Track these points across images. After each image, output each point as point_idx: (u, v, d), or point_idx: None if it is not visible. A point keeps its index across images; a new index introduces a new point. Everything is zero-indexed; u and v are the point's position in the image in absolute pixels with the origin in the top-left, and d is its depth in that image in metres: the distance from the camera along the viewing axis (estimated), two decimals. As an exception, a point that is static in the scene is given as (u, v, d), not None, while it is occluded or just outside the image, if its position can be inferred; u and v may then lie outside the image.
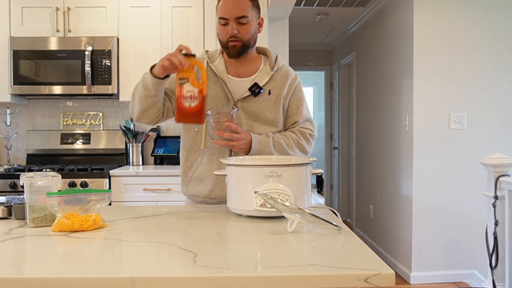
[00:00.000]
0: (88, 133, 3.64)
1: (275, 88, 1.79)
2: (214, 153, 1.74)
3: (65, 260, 1.02)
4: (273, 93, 1.78)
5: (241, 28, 1.69)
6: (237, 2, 1.68)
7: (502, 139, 3.68)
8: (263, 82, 1.77)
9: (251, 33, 1.72)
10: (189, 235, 1.25)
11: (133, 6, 3.42)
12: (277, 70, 1.81)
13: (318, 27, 5.56)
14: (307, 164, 1.44)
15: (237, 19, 1.67)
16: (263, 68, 1.80)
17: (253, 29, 1.73)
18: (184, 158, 1.81)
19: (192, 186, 1.79)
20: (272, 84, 1.79)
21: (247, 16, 1.69)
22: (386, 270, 0.90)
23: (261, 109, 1.76)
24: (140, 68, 3.41)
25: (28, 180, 1.32)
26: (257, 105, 1.76)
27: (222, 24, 1.70)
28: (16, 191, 3.01)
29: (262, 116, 1.76)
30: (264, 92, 1.77)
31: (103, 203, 1.31)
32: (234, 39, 1.69)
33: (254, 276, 0.90)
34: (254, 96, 1.76)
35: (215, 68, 1.78)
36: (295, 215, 1.21)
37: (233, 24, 1.67)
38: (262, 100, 1.77)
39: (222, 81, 1.76)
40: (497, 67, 3.67)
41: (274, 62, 1.81)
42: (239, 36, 1.69)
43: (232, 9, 1.67)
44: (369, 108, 4.95)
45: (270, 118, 1.77)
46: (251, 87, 1.75)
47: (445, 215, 3.68)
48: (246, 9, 1.69)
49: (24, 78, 3.33)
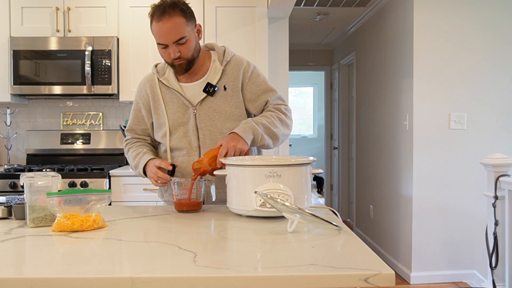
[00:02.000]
0: (88, 133, 3.64)
1: (229, 82, 1.77)
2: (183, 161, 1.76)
3: (65, 260, 1.02)
4: (228, 88, 1.77)
5: (182, 48, 1.67)
6: (171, 25, 1.63)
7: (502, 139, 3.68)
8: (216, 79, 1.76)
9: (193, 48, 1.70)
10: (189, 235, 1.25)
11: (133, 6, 3.42)
12: (227, 64, 1.79)
13: (318, 27, 5.56)
14: (307, 164, 1.44)
15: (176, 42, 1.65)
16: (213, 66, 1.79)
17: (194, 43, 1.70)
18: None
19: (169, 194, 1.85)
20: (225, 79, 1.77)
21: (184, 36, 1.65)
22: (386, 270, 0.90)
23: (221, 106, 1.76)
24: (140, 68, 3.42)
25: (28, 180, 1.32)
26: (217, 104, 1.76)
27: (162, 48, 1.69)
28: (16, 191, 3.01)
29: (223, 113, 1.76)
30: (220, 89, 1.76)
31: (103, 203, 1.31)
32: (178, 60, 1.69)
33: (254, 276, 0.90)
34: (211, 96, 1.75)
35: (166, 81, 1.78)
36: (295, 215, 1.21)
37: (173, 47, 1.66)
38: (220, 97, 1.76)
39: (176, 91, 1.77)
40: (497, 67, 3.67)
41: (223, 56, 1.79)
42: (182, 55, 1.68)
43: (167, 34, 1.64)
44: (369, 108, 4.95)
45: (232, 112, 1.77)
46: (205, 88, 1.75)
47: (445, 215, 3.68)
48: (182, 29, 1.64)
49: (24, 78, 3.33)
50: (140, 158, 1.75)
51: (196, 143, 1.76)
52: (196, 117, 1.75)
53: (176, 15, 1.63)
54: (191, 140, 1.76)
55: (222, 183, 1.65)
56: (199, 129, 1.76)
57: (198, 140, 1.76)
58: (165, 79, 1.79)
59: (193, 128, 1.76)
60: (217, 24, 3.42)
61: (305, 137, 9.44)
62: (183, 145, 1.77)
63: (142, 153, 1.76)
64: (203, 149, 1.75)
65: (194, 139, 1.76)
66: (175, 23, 1.63)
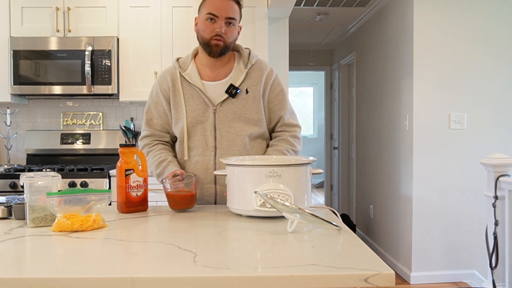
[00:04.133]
0: (88, 133, 3.64)
1: (251, 86, 1.77)
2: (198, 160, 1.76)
3: (65, 260, 1.02)
4: (250, 92, 1.76)
5: (228, 29, 1.68)
6: (229, 3, 1.68)
7: (502, 139, 3.68)
8: (239, 81, 1.75)
9: (234, 37, 1.72)
10: (189, 235, 1.25)
11: (133, 6, 3.42)
12: (251, 67, 1.78)
13: (318, 27, 5.56)
14: (307, 164, 1.44)
15: (227, 19, 1.67)
16: (237, 67, 1.78)
17: (235, 34, 1.73)
18: None
19: None
20: (248, 82, 1.77)
21: (235, 19, 1.69)
22: (386, 270, 0.90)
23: (241, 110, 1.75)
24: (140, 68, 3.42)
25: (28, 180, 1.32)
26: (237, 106, 1.75)
27: (208, 20, 1.68)
28: (16, 191, 3.01)
29: (243, 116, 1.75)
30: (242, 92, 1.75)
31: (103, 203, 1.31)
32: (219, 38, 1.68)
33: (254, 276, 0.90)
34: (233, 98, 1.74)
35: (188, 76, 1.77)
36: (295, 215, 1.21)
37: (221, 23, 1.67)
38: (241, 100, 1.75)
39: (198, 88, 1.75)
40: (497, 67, 3.67)
41: (248, 59, 1.79)
42: (224, 36, 1.68)
43: (224, 8, 1.67)
44: (369, 108, 4.95)
45: (252, 117, 1.76)
46: (227, 89, 1.74)
47: (445, 215, 3.68)
48: (236, 13, 1.70)
49: (24, 78, 3.33)
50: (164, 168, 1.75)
51: (212, 143, 1.75)
52: (215, 117, 1.74)
53: (236, 2, 1.71)
54: (208, 139, 1.75)
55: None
56: (217, 129, 1.74)
57: (215, 140, 1.74)
58: (188, 75, 1.77)
59: (211, 127, 1.74)
60: (217, 24, 3.42)
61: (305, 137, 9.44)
62: (199, 144, 1.75)
63: (167, 162, 1.76)
64: (219, 150, 1.74)
65: (211, 139, 1.74)
66: (232, 4, 1.69)
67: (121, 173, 1.52)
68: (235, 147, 1.74)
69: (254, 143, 1.79)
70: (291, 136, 1.82)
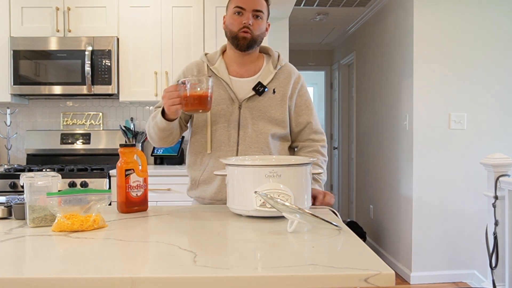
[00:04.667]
0: (88, 133, 3.64)
1: (279, 87, 1.78)
2: (220, 155, 1.73)
3: (65, 260, 1.02)
4: (277, 92, 1.77)
5: (255, 21, 1.70)
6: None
7: (502, 139, 3.68)
8: (267, 80, 1.76)
9: (262, 30, 1.74)
10: (189, 235, 1.25)
11: (133, 6, 3.42)
12: (280, 69, 1.80)
13: (318, 27, 5.56)
14: (307, 164, 1.44)
15: (254, 12, 1.69)
16: (266, 67, 1.79)
17: (263, 28, 1.74)
18: (192, 162, 1.82)
19: (200, 190, 1.80)
20: (276, 82, 1.78)
21: (262, 12, 1.71)
22: (386, 270, 0.90)
23: (267, 108, 1.75)
24: (140, 68, 3.42)
25: (28, 180, 1.32)
26: (263, 105, 1.75)
27: (236, 13, 1.70)
28: (16, 191, 3.01)
29: (268, 115, 1.75)
30: (269, 91, 1.76)
31: (103, 203, 1.31)
32: (246, 30, 1.69)
33: (254, 276, 0.89)
34: (259, 95, 1.75)
35: (216, 70, 1.77)
36: (295, 215, 1.20)
37: (249, 15, 1.69)
38: (267, 99, 1.76)
39: (225, 83, 1.75)
40: (498, 66, 3.67)
41: (277, 61, 1.80)
42: (252, 29, 1.69)
43: (250, 1, 1.69)
44: (369, 108, 4.95)
45: (276, 117, 1.76)
46: (255, 86, 1.74)
47: (445, 215, 3.68)
48: (263, 6, 1.72)
49: (24, 78, 3.33)
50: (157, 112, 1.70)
51: (235, 138, 1.74)
52: (240, 113, 1.74)
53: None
54: (231, 134, 1.74)
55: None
56: (241, 126, 1.74)
57: (238, 136, 1.74)
58: (215, 69, 1.77)
59: (235, 123, 1.74)
60: (217, 24, 3.42)
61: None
62: (222, 138, 1.75)
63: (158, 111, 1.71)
64: (241, 146, 1.73)
65: (234, 134, 1.74)
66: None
67: (121, 173, 1.52)
68: (257, 145, 1.74)
69: (276, 143, 1.79)
70: (321, 147, 1.84)
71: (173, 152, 3.57)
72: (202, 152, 1.78)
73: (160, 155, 3.59)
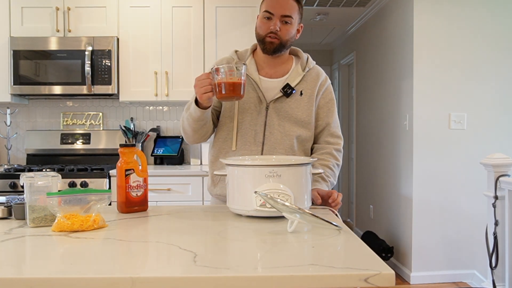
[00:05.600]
0: (88, 133, 3.64)
1: (306, 89, 1.78)
2: (245, 154, 1.74)
3: (65, 260, 1.02)
4: (305, 94, 1.78)
5: (283, 27, 1.70)
6: (286, 0, 1.69)
7: (502, 139, 3.68)
8: (295, 82, 1.76)
9: (291, 35, 1.73)
10: (189, 235, 1.25)
11: (133, 6, 3.42)
12: (308, 71, 1.81)
13: (318, 27, 5.56)
14: (307, 164, 1.44)
15: (282, 17, 1.69)
16: (295, 69, 1.80)
17: (294, 31, 1.74)
18: (214, 157, 1.81)
19: (221, 186, 1.79)
20: (303, 85, 1.78)
21: (291, 17, 1.70)
22: (386, 270, 0.90)
23: (294, 110, 1.76)
24: (140, 68, 3.42)
25: (28, 180, 1.32)
26: (290, 106, 1.75)
27: (265, 18, 1.70)
28: (16, 191, 3.01)
29: (294, 117, 1.76)
30: (296, 93, 1.76)
31: (103, 203, 1.31)
32: (273, 36, 1.69)
33: (254, 276, 0.89)
34: (286, 97, 1.75)
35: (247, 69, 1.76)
36: (295, 215, 1.20)
37: (277, 21, 1.68)
38: (294, 101, 1.76)
39: (254, 82, 1.75)
40: (498, 66, 3.67)
41: (306, 63, 1.81)
42: (279, 34, 1.70)
43: (279, 6, 1.68)
44: (369, 108, 4.95)
45: (302, 119, 1.77)
46: (283, 88, 1.75)
47: (445, 215, 3.68)
48: (293, 10, 1.71)
49: (24, 78, 3.33)
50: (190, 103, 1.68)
51: (261, 138, 1.74)
52: (267, 113, 1.74)
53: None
54: (257, 133, 1.74)
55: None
56: (267, 126, 1.74)
57: (264, 136, 1.74)
58: None
59: (262, 123, 1.74)
60: (217, 24, 3.43)
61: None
62: (247, 137, 1.74)
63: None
64: (266, 146, 1.73)
65: (259, 134, 1.74)
66: (290, 2, 1.70)
67: (121, 173, 1.52)
68: (282, 146, 1.74)
69: (301, 146, 1.79)
70: (335, 150, 1.82)
71: (173, 152, 3.57)
72: (226, 149, 1.77)
73: (160, 155, 3.59)
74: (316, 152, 1.83)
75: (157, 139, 3.69)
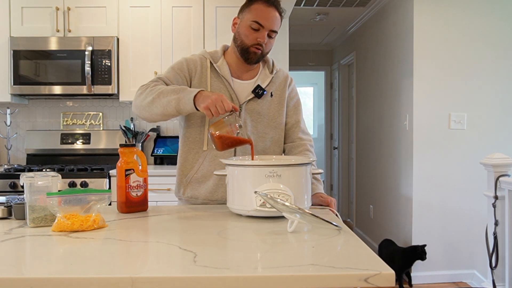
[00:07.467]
0: (88, 133, 3.64)
1: (276, 90, 1.82)
2: (217, 154, 1.72)
3: (65, 260, 1.02)
4: (275, 96, 1.81)
5: (268, 40, 1.72)
6: (275, 16, 1.70)
7: (502, 139, 3.68)
8: (265, 84, 1.79)
9: (270, 48, 1.76)
10: (189, 235, 1.25)
11: (133, 6, 3.42)
12: (276, 73, 1.84)
13: (318, 27, 5.56)
14: (307, 164, 1.44)
15: (270, 32, 1.70)
16: (263, 71, 1.83)
17: (272, 45, 1.77)
18: (183, 158, 1.79)
19: (192, 188, 1.76)
20: (273, 86, 1.82)
21: (276, 32, 1.72)
22: (386, 270, 0.90)
23: (265, 111, 1.78)
24: (140, 68, 3.42)
25: (28, 180, 1.32)
26: (261, 107, 1.77)
27: (252, 28, 1.68)
28: (16, 191, 3.01)
29: (267, 118, 1.78)
30: (267, 94, 1.79)
31: (103, 203, 1.31)
32: (259, 47, 1.70)
33: (254, 276, 0.89)
34: (258, 98, 1.77)
35: (219, 69, 1.76)
36: (295, 215, 1.20)
37: (265, 33, 1.69)
38: (266, 102, 1.78)
39: (227, 83, 1.76)
40: (498, 66, 3.67)
41: (272, 66, 1.85)
42: (264, 46, 1.71)
43: (271, 20, 1.69)
44: (369, 108, 4.95)
45: (275, 120, 1.79)
46: (254, 89, 1.76)
47: (445, 215, 3.68)
48: (278, 26, 1.73)
49: (24, 78, 3.33)
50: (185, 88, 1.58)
51: None
52: (240, 115, 1.74)
53: (278, 13, 1.72)
54: None
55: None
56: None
57: None
58: (218, 67, 1.77)
59: None
60: (217, 24, 3.42)
61: (305, 137, 9.42)
62: None
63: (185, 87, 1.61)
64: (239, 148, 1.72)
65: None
66: (278, 17, 1.71)
67: (121, 173, 1.52)
68: (255, 148, 1.74)
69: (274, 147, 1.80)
70: (310, 146, 1.85)
71: (173, 152, 3.56)
72: (195, 149, 1.75)
73: (160, 155, 3.59)
74: (293, 150, 1.83)
75: (157, 139, 3.69)
